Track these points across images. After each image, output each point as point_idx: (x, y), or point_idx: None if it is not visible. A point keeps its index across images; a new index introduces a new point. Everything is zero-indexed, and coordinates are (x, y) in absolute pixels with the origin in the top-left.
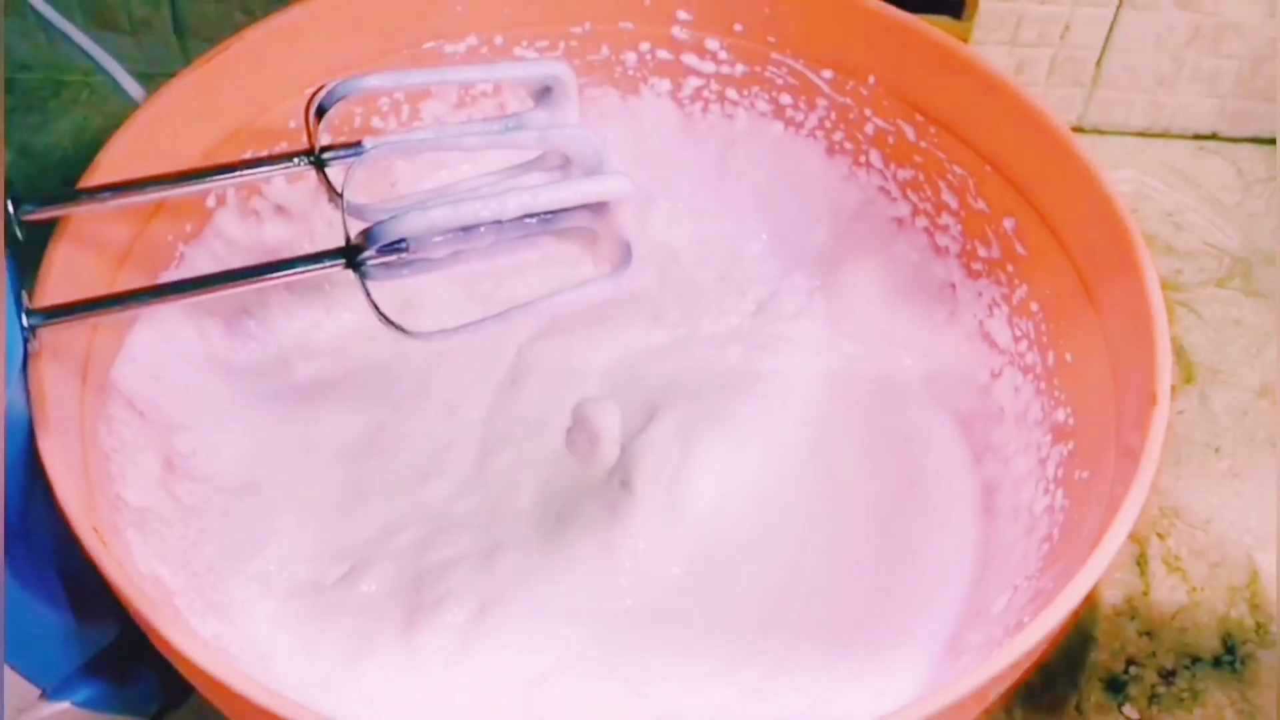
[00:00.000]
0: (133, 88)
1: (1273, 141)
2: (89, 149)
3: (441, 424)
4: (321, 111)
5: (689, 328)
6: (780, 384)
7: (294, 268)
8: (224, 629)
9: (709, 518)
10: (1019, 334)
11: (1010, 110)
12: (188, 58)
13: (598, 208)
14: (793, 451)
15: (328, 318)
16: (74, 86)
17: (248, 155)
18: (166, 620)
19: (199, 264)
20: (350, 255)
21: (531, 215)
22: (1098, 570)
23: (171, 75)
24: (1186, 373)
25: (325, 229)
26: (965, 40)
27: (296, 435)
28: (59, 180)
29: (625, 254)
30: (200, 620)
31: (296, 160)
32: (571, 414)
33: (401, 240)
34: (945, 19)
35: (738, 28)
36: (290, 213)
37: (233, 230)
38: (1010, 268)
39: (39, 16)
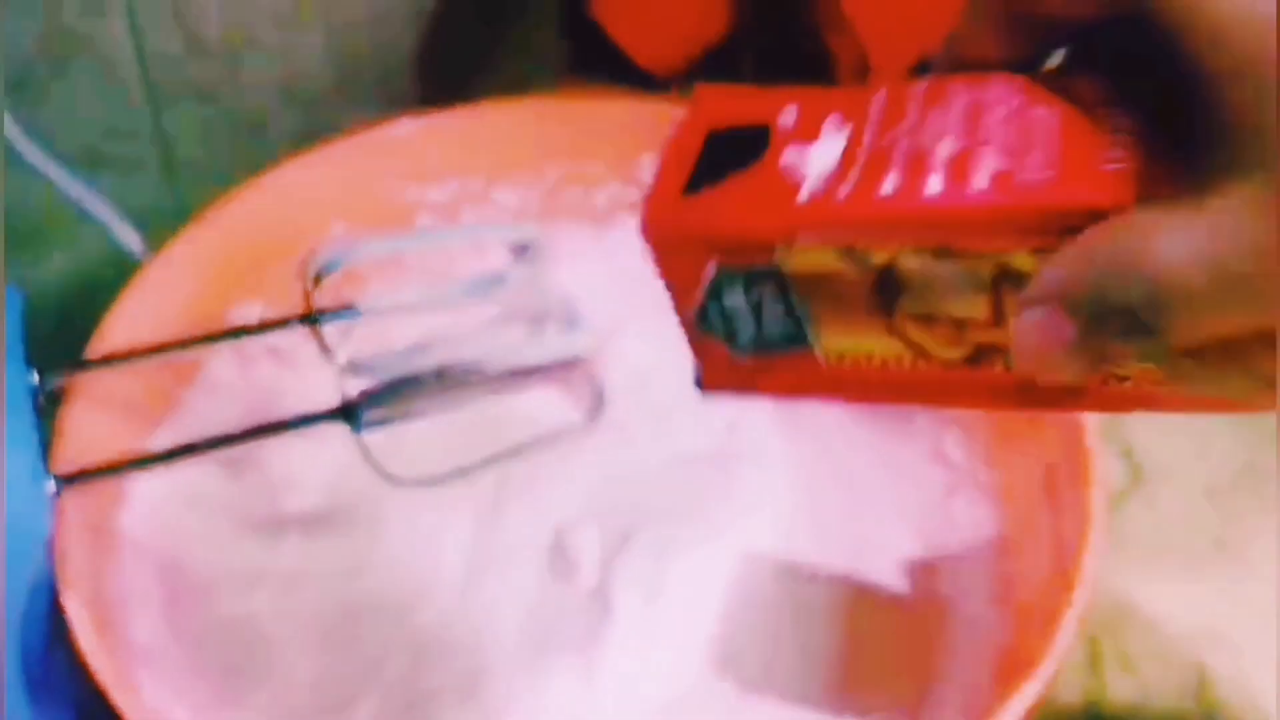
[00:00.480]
0: (121, 230)
1: None
2: (85, 285)
3: (427, 551)
4: (318, 279)
5: (663, 446)
6: (753, 498)
7: (295, 426)
8: None
9: (688, 635)
10: (971, 452)
11: None
12: (177, 196)
13: (571, 360)
14: (767, 563)
15: (319, 450)
16: (67, 224)
17: (238, 307)
18: None
19: (199, 406)
20: (348, 414)
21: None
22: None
23: (158, 210)
24: (1134, 474)
25: (315, 370)
26: None
27: (291, 565)
28: (57, 317)
29: (599, 399)
30: None
31: (293, 324)
32: (552, 537)
33: (391, 398)
34: None
35: None
36: (283, 355)
37: (229, 374)
38: None
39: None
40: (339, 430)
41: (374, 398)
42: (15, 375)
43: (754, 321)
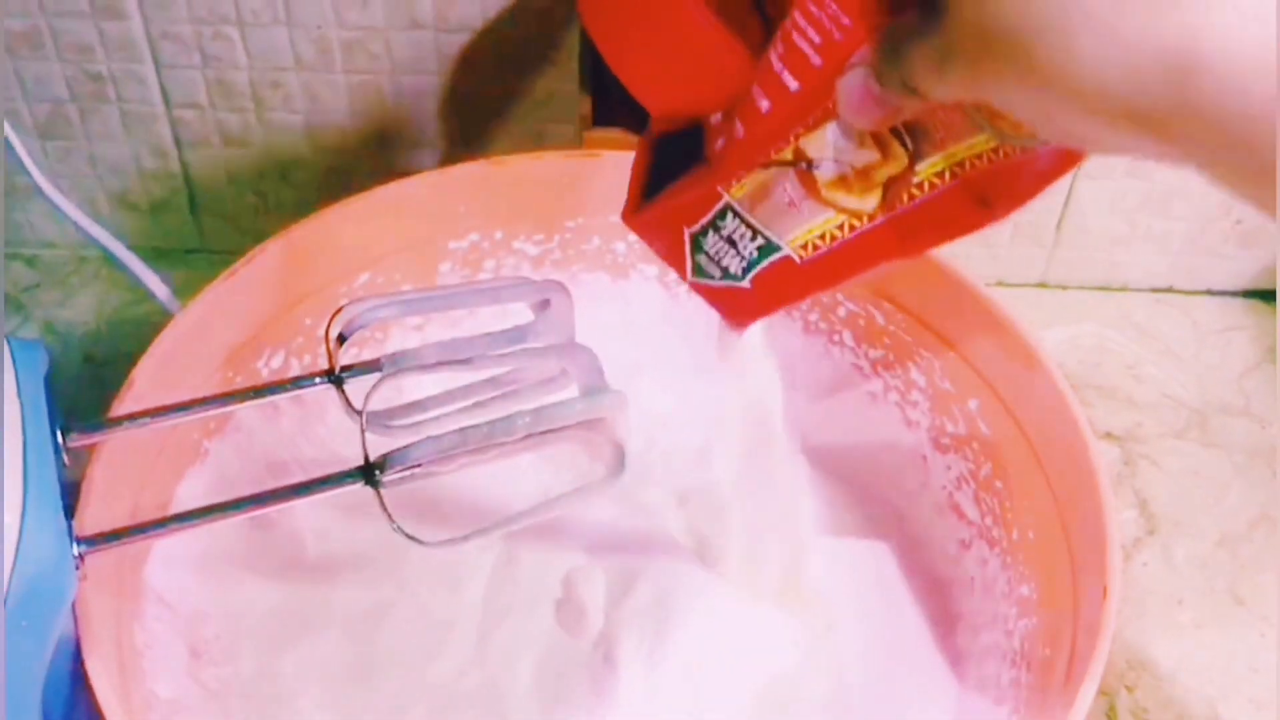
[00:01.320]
0: (145, 273)
1: (1224, 293)
2: (110, 324)
3: (444, 601)
4: (342, 339)
5: (673, 487)
6: (763, 534)
7: (318, 489)
8: None
9: (691, 680)
10: (985, 509)
11: (969, 304)
12: (202, 235)
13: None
14: (780, 608)
15: (339, 501)
16: (94, 262)
17: (263, 357)
18: None
19: (223, 456)
20: (368, 474)
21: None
22: None
23: (184, 250)
24: (1150, 524)
25: (337, 415)
26: None
27: (311, 615)
28: (81, 356)
29: (619, 459)
30: None
31: (318, 380)
32: (561, 585)
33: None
34: None
35: None
36: (305, 401)
37: (253, 423)
38: (975, 446)
39: None
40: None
41: (397, 459)
42: (39, 435)
43: (734, 250)
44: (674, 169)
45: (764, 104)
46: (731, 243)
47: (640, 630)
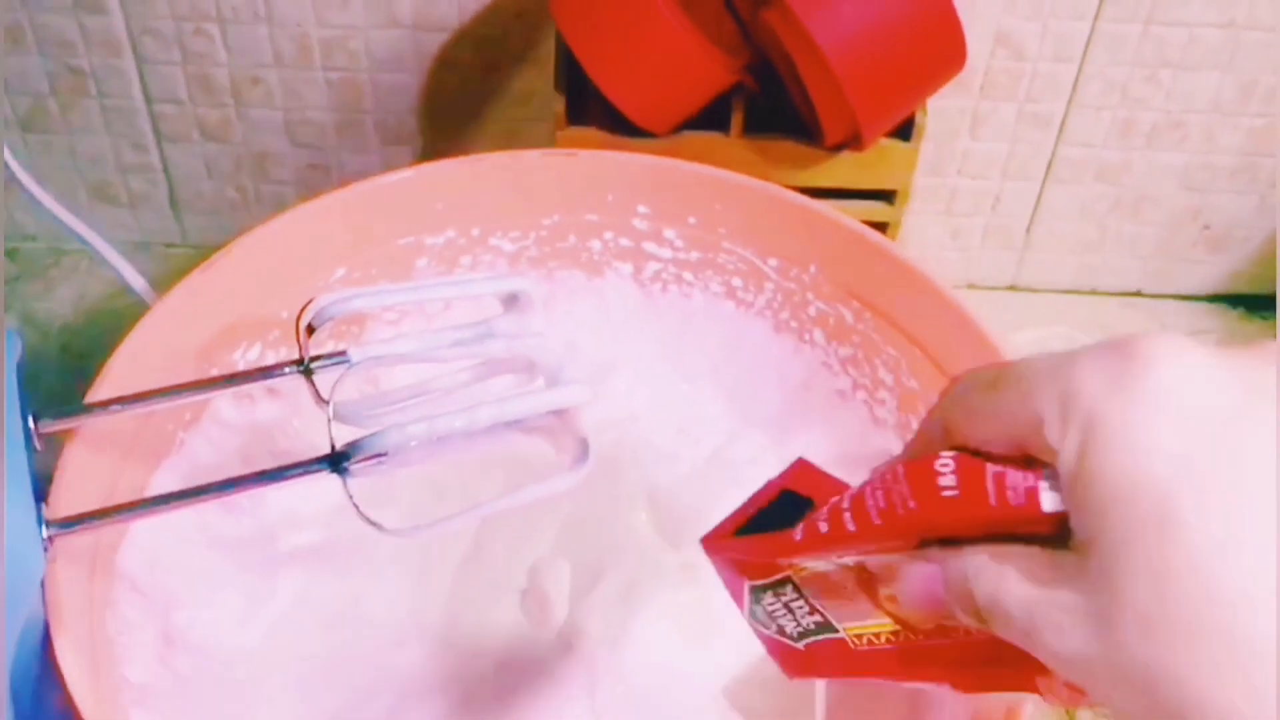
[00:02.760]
0: (123, 267)
1: (1192, 298)
2: (89, 316)
3: (413, 590)
4: (311, 329)
5: (643, 481)
6: None
7: (285, 475)
8: None
9: (654, 671)
10: None
11: (933, 304)
12: (182, 229)
13: (559, 410)
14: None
15: (313, 491)
16: (74, 255)
17: (239, 349)
18: None
19: (198, 448)
20: (335, 463)
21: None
22: None
23: (165, 245)
24: None
25: (313, 409)
26: (895, 224)
27: (283, 603)
28: (59, 348)
29: (584, 450)
30: None
31: (287, 370)
32: (527, 576)
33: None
34: (879, 205)
35: (692, 220)
36: (281, 393)
37: (228, 414)
38: None
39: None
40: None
41: (362, 447)
42: (10, 419)
43: (791, 617)
44: (774, 524)
45: (849, 524)
46: (789, 610)
47: (604, 621)
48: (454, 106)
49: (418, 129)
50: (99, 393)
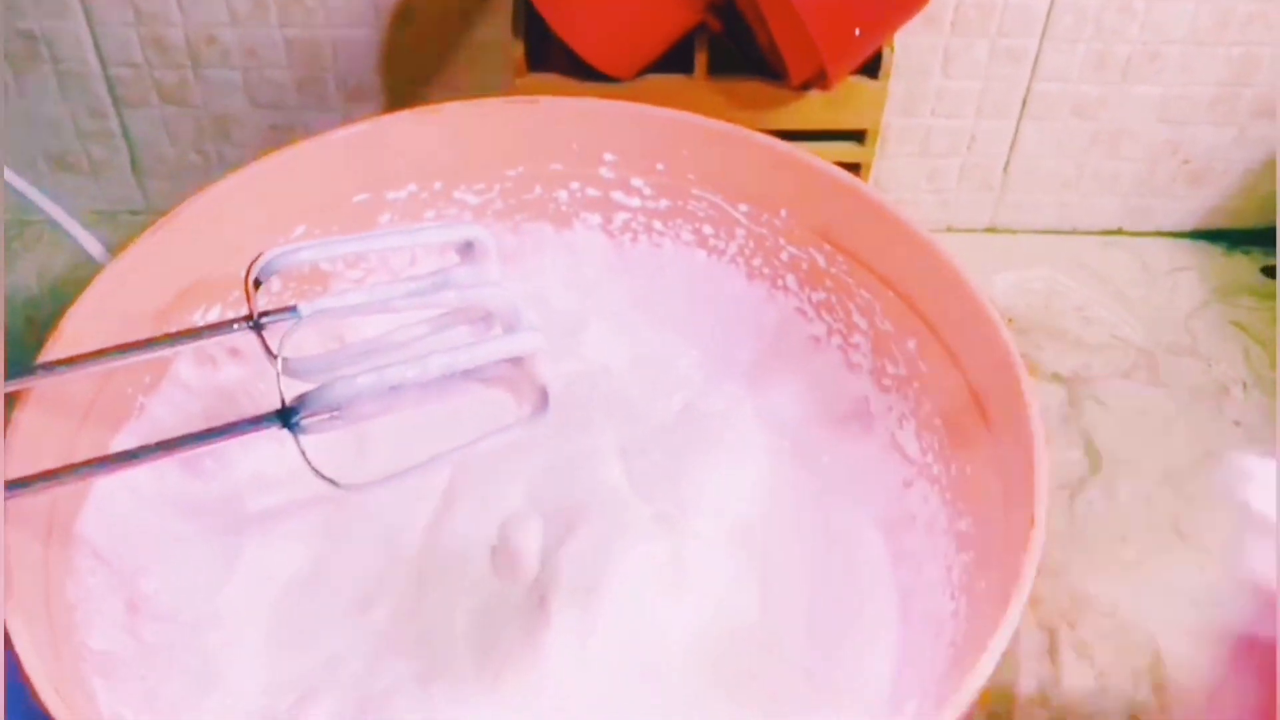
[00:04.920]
0: (81, 235)
1: (1173, 235)
2: (52, 288)
3: (382, 552)
4: (258, 282)
5: (616, 434)
6: (705, 480)
7: (233, 432)
8: None
9: (627, 622)
10: (925, 446)
11: (904, 243)
12: (145, 196)
13: (515, 358)
14: (721, 548)
15: (282, 452)
16: (36, 226)
17: (199, 311)
18: None
19: (159, 413)
20: (285, 417)
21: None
22: (972, 689)
23: (129, 212)
24: (1094, 463)
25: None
26: (867, 165)
27: (251, 567)
28: (23, 320)
29: (543, 399)
30: None
31: (236, 326)
32: (497, 532)
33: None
34: (850, 145)
35: (660, 167)
36: (243, 355)
37: (190, 377)
38: (916, 385)
39: None
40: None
41: (310, 400)
42: None
43: None
44: None
45: None
46: None
47: (576, 574)
48: (415, 60)
49: (380, 85)
50: (50, 354)
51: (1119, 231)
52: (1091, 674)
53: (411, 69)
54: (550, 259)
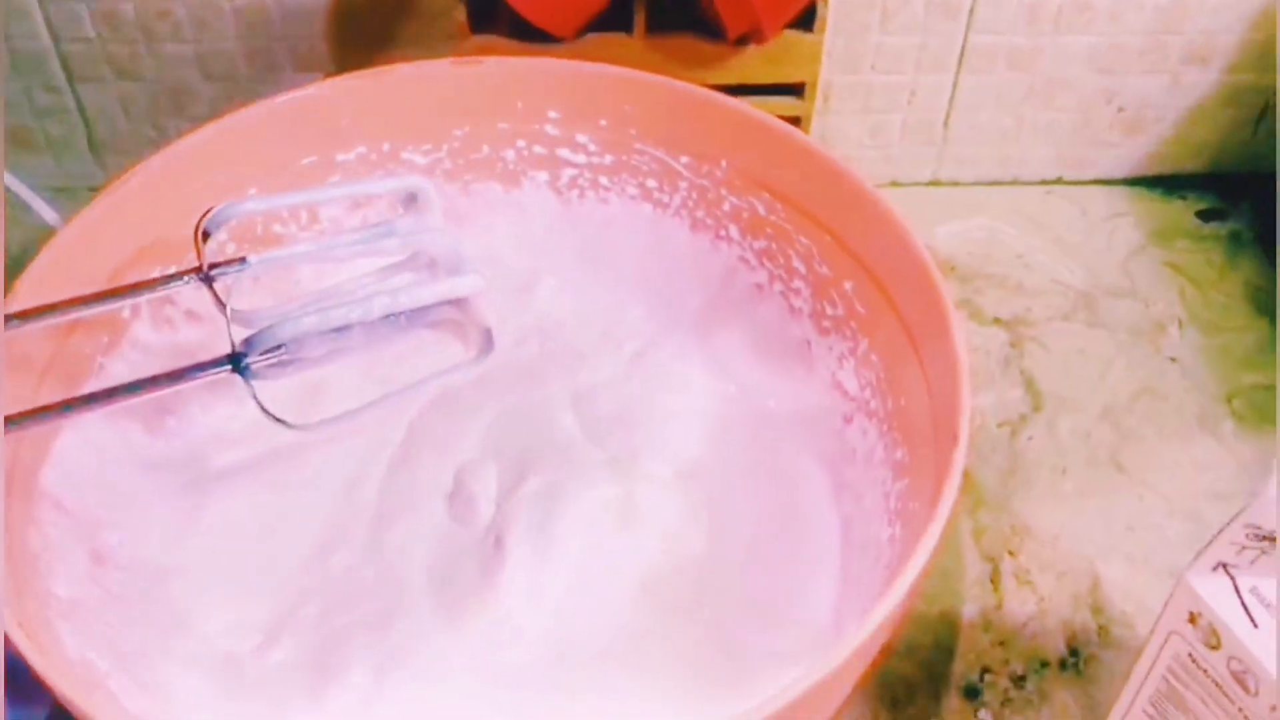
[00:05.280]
0: (41, 208)
1: (1111, 182)
2: (14, 266)
3: (342, 501)
4: (206, 235)
5: (568, 384)
6: (656, 425)
7: (184, 378)
8: (153, 705)
9: (579, 559)
10: (864, 383)
11: (838, 186)
12: (104, 171)
13: (459, 301)
14: (671, 488)
15: (241, 410)
16: None
17: (154, 272)
18: (94, 703)
19: (117, 373)
20: (235, 361)
21: (398, 313)
22: (900, 592)
23: (89, 189)
24: (1035, 401)
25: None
26: (807, 118)
27: (214, 519)
28: None
29: (488, 340)
30: (130, 699)
31: (187, 279)
32: (453, 479)
33: (280, 345)
34: (789, 100)
35: (603, 123)
36: (200, 316)
37: (148, 338)
38: (853, 325)
39: None
40: (260, 389)
41: (257, 341)
42: None
43: None
44: None
45: None
46: None
47: (530, 516)
48: (364, 27)
49: (329, 54)
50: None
51: (1058, 181)
52: (1033, 600)
53: (360, 36)
54: (500, 218)
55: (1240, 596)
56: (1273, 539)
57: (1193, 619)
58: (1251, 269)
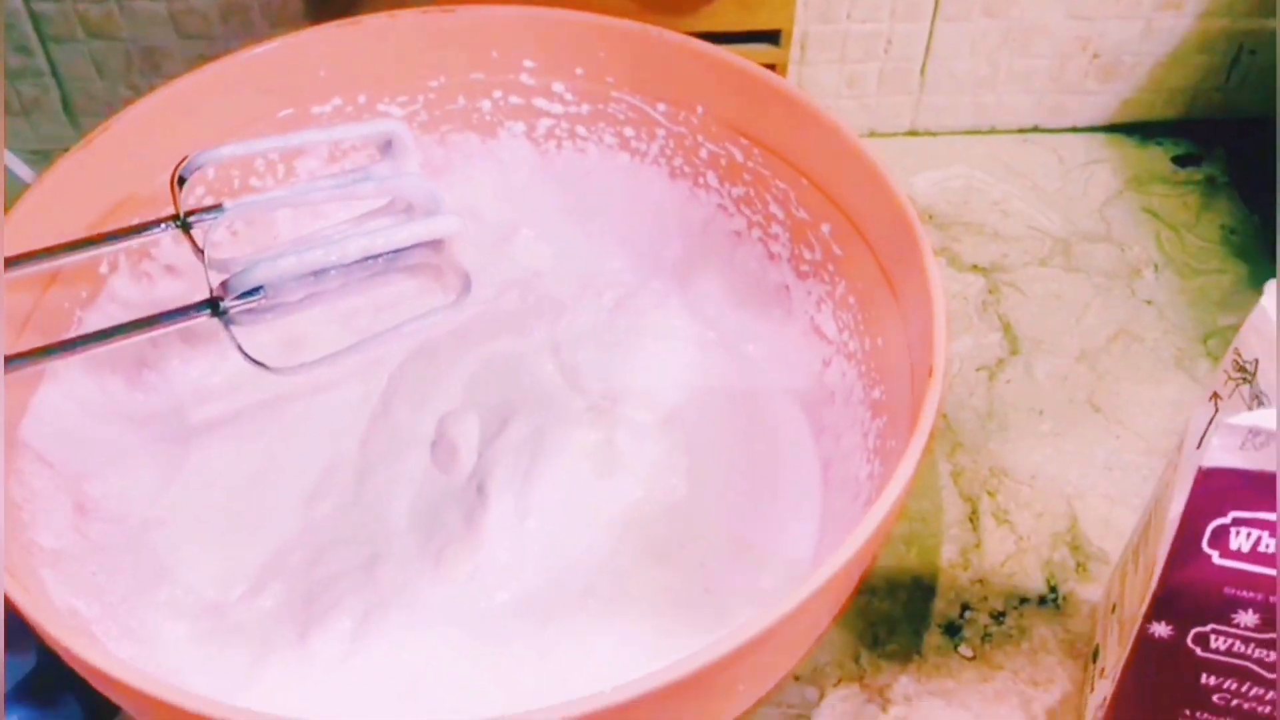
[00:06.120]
0: (19, 168)
1: (1088, 130)
2: None
3: (324, 451)
4: (182, 181)
5: (548, 334)
6: (637, 372)
7: (163, 322)
8: (139, 651)
9: (561, 504)
10: (842, 325)
11: (814, 129)
12: (79, 133)
13: (436, 244)
14: (652, 433)
15: (221, 363)
16: None
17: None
18: (82, 645)
19: (96, 326)
20: (214, 306)
21: (376, 256)
22: (874, 522)
23: (64, 151)
24: (1012, 345)
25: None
26: (783, 65)
27: (197, 471)
28: None
29: (466, 283)
30: (116, 645)
31: (164, 226)
32: (435, 428)
33: (257, 288)
34: (765, 47)
35: (579, 71)
36: (179, 270)
37: (126, 293)
38: (831, 268)
39: None
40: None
41: (235, 283)
42: None
43: None
44: None
45: None
46: None
47: (512, 463)
48: None
49: (303, 8)
50: None
51: (1035, 129)
52: (1012, 539)
53: None
54: (478, 169)
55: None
56: (1249, 370)
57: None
58: (1226, 213)
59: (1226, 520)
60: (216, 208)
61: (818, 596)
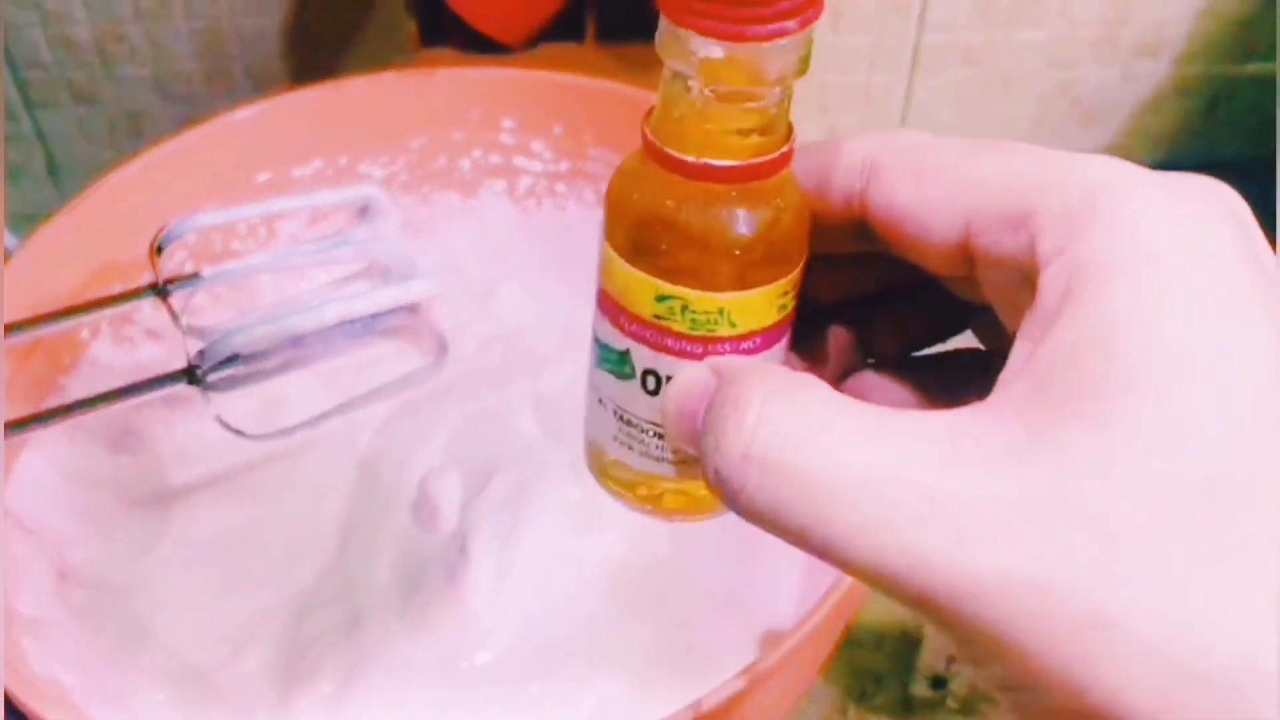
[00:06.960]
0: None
1: None
2: None
3: (306, 513)
4: (160, 249)
5: (531, 389)
6: None
7: (141, 391)
8: (123, 718)
9: (543, 562)
10: None
11: None
12: (63, 197)
13: (413, 307)
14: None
15: (203, 426)
16: None
17: (116, 289)
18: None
19: (78, 392)
20: (191, 374)
21: (353, 320)
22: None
23: (48, 215)
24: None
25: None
26: None
27: (179, 534)
28: None
29: (442, 345)
30: (99, 713)
31: (144, 295)
32: (417, 487)
33: (234, 356)
34: None
35: (557, 130)
36: (161, 335)
37: (108, 358)
38: None
39: None
40: (221, 405)
41: (211, 352)
42: None
43: None
44: None
45: None
46: None
47: (494, 521)
48: (320, 44)
49: (286, 72)
50: None
51: None
52: None
53: (316, 54)
54: (459, 227)
55: None
56: None
57: None
58: None
59: None
60: (195, 276)
61: (800, 652)
